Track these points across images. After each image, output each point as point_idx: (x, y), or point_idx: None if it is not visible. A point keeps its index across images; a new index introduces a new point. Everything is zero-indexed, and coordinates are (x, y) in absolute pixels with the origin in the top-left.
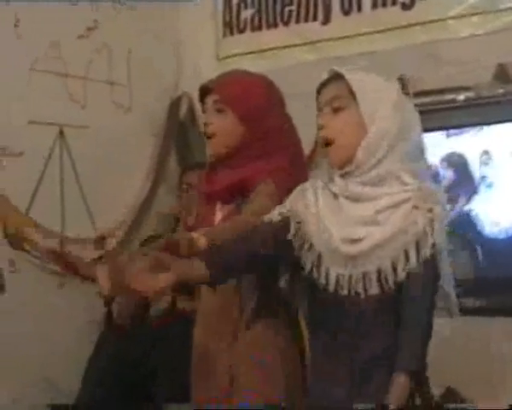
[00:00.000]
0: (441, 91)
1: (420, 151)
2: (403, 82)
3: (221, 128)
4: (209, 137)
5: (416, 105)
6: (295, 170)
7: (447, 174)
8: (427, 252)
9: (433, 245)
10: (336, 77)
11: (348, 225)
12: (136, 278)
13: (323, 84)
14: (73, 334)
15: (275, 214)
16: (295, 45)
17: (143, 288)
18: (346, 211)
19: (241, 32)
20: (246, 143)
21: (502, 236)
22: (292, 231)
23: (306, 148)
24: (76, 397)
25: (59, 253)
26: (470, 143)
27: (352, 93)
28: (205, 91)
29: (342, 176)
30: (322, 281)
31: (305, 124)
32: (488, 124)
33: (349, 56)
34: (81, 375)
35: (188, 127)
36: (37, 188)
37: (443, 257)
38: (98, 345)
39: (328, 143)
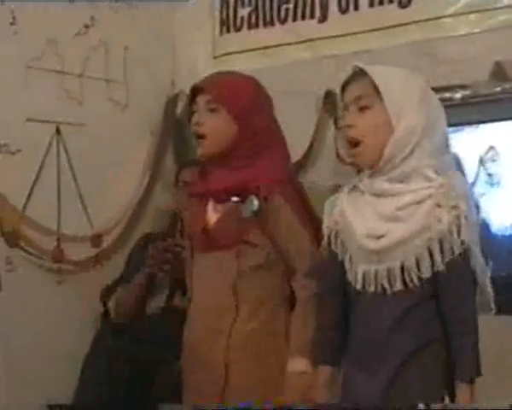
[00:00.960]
0: (438, 90)
1: (445, 144)
2: None
3: (214, 128)
4: (200, 138)
5: None
6: (287, 168)
7: None
8: (455, 250)
9: (463, 243)
10: (360, 73)
11: (371, 221)
12: None
13: (347, 82)
14: (71, 331)
15: (323, 245)
16: (292, 43)
17: None
18: (371, 208)
19: (238, 30)
20: (238, 142)
21: (501, 234)
22: (332, 245)
23: (302, 146)
24: (73, 395)
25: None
26: (467, 141)
27: (376, 90)
28: (196, 91)
29: (370, 176)
30: (351, 279)
31: (303, 121)
32: (485, 122)
33: (346, 55)
34: (78, 373)
35: (184, 125)
36: (33, 186)
37: (475, 252)
38: (95, 343)
39: (355, 145)
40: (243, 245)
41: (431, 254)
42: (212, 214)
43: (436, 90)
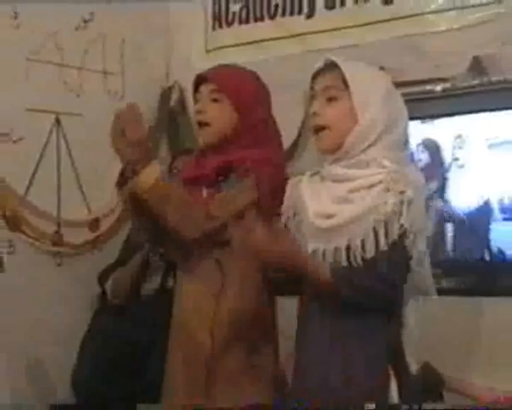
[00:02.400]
0: (420, 82)
1: (404, 140)
2: None
3: (216, 117)
4: (202, 126)
5: None
6: (277, 162)
7: (423, 157)
8: (394, 233)
9: (401, 226)
10: (331, 66)
11: (324, 202)
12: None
13: (318, 73)
14: (70, 311)
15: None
16: (281, 38)
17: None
18: (327, 191)
19: (230, 24)
20: (237, 133)
21: (471, 216)
22: (289, 225)
23: (290, 137)
24: (71, 374)
25: None
26: (443, 129)
27: (345, 83)
28: (200, 81)
29: (331, 162)
30: None
31: (291, 113)
32: (464, 113)
33: (333, 49)
34: (76, 351)
35: (178, 115)
36: (34, 173)
37: (416, 239)
38: (93, 322)
39: (319, 130)
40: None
41: (376, 236)
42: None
43: (418, 82)
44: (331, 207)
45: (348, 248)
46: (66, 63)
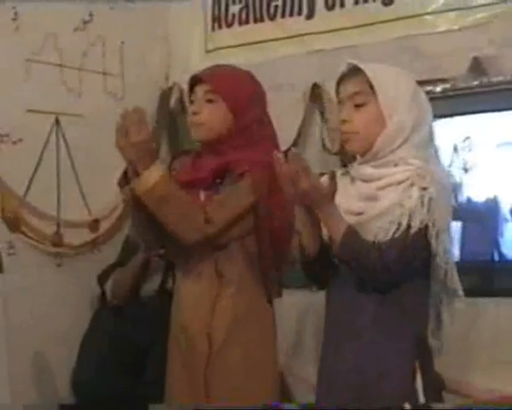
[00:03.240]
0: (419, 83)
1: (430, 138)
2: None
3: (211, 117)
4: (196, 125)
5: None
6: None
7: None
8: (416, 225)
9: (422, 222)
10: (355, 70)
11: (353, 200)
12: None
13: (342, 78)
14: (70, 312)
15: None
16: (281, 39)
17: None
18: (356, 190)
19: (229, 26)
20: (233, 133)
21: (478, 217)
22: None
23: (290, 137)
24: (72, 375)
25: None
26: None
27: (371, 87)
28: (195, 81)
29: (360, 163)
30: (331, 253)
31: (290, 114)
32: (464, 114)
33: (332, 50)
34: (77, 351)
35: (177, 116)
36: (34, 173)
37: (440, 236)
38: (93, 323)
39: (349, 135)
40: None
41: (399, 228)
42: None
43: (418, 83)
44: (359, 205)
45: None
46: (65, 64)
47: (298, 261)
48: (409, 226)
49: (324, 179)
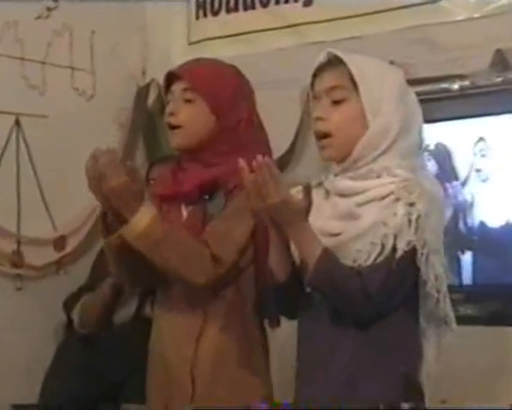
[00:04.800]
0: (434, 80)
1: (418, 145)
2: None
3: (189, 119)
4: (174, 128)
5: None
6: None
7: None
8: (402, 248)
9: (409, 243)
10: (335, 61)
11: (327, 219)
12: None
13: (320, 70)
14: (32, 343)
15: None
16: (275, 29)
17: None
18: (332, 207)
19: (216, 13)
20: (216, 136)
21: (493, 234)
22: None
23: (285, 141)
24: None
25: None
26: (458, 133)
27: (352, 81)
28: (171, 79)
29: (337, 173)
30: (303, 280)
31: (286, 114)
32: (485, 115)
33: (333, 41)
34: (39, 388)
35: (156, 117)
36: None
37: (431, 259)
38: (58, 356)
39: (324, 136)
40: None
41: (383, 251)
42: (185, 216)
43: (431, 80)
44: (336, 225)
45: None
46: (27, 57)
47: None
48: (394, 249)
49: (297, 192)
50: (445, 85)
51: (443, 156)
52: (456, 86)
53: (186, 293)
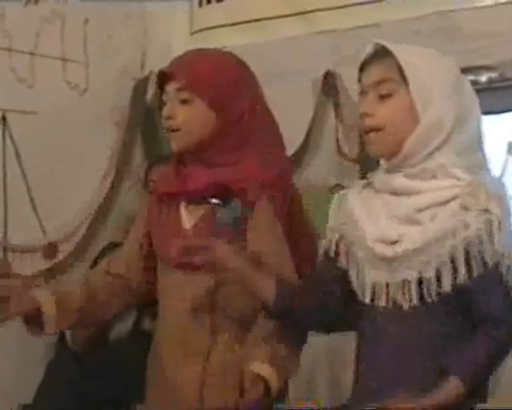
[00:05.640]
0: None
1: (478, 140)
2: None
3: (188, 121)
4: (172, 131)
5: None
6: (280, 165)
7: None
8: (487, 262)
9: (496, 253)
10: (382, 53)
11: (385, 223)
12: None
13: (367, 62)
14: (21, 360)
15: (322, 244)
16: (285, 16)
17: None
18: (387, 208)
19: (220, 0)
20: (219, 133)
21: None
22: (333, 252)
23: (297, 138)
24: None
25: None
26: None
27: (401, 73)
28: (164, 78)
29: (387, 170)
30: (358, 291)
31: (297, 107)
32: None
33: (347, 29)
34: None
35: (155, 113)
36: None
37: (510, 265)
38: (48, 373)
39: (370, 132)
40: None
41: (454, 267)
42: (188, 219)
43: None
44: (395, 230)
45: (420, 282)
46: (14, 48)
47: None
48: (468, 263)
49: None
50: (471, 78)
51: None
52: (483, 79)
53: (193, 306)
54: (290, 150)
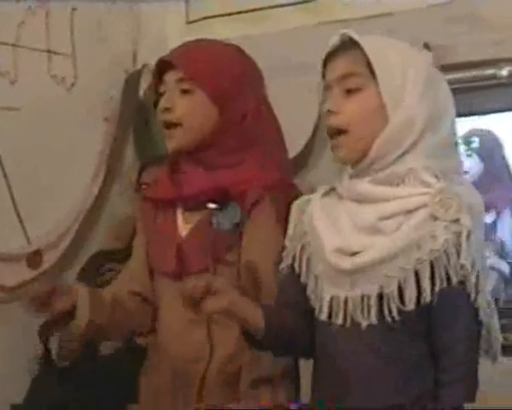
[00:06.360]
0: (477, 65)
1: (452, 143)
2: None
3: (189, 113)
4: (170, 127)
5: None
6: (283, 168)
7: (470, 164)
8: (452, 278)
9: (463, 268)
10: (349, 45)
11: (346, 233)
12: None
13: (332, 54)
14: (2, 376)
15: (283, 260)
16: (287, 5)
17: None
18: (348, 217)
19: None
20: (220, 132)
21: None
22: (295, 263)
23: (301, 138)
24: None
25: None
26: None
27: (369, 67)
28: (163, 68)
29: (352, 175)
30: (316, 306)
31: (302, 104)
32: None
33: (357, 20)
34: None
35: (149, 109)
36: None
37: (481, 282)
38: (32, 392)
39: (335, 133)
40: (218, 266)
41: (418, 281)
42: (184, 226)
43: (475, 65)
44: (355, 240)
45: (381, 297)
46: None
47: None
48: (433, 278)
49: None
50: (491, 71)
51: (490, 151)
52: (504, 72)
53: (187, 324)
54: (294, 151)
